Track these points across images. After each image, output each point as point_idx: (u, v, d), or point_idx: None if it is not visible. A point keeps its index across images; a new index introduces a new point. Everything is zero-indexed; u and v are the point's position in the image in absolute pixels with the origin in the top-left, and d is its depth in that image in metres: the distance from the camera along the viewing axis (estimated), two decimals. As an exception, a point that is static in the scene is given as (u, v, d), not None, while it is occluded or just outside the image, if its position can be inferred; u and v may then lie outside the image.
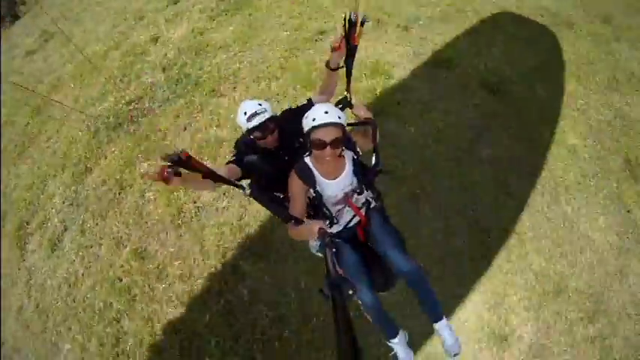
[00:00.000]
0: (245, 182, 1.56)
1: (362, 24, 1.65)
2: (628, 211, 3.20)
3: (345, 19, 1.64)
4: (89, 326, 2.84)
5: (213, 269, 2.75)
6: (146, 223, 3.14)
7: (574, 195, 3.16)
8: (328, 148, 1.48)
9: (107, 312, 2.84)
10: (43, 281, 3.21)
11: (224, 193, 3.10)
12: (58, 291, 3.12)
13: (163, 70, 4.17)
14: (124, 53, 4.43)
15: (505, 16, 4.78)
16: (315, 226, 1.43)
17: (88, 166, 3.65)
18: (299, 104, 1.86)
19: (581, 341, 2.59)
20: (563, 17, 5.00)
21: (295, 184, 1.61)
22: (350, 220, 1.77)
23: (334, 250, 1.33)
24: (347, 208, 1.72)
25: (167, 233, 3.03)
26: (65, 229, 3.39)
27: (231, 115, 3.55)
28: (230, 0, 4.85)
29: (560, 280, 2.77)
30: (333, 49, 1.73)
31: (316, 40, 4.16)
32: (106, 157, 3.66)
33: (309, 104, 1.80)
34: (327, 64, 1.80)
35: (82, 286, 3.04)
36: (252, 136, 1.70)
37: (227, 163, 1.72)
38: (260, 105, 1.69)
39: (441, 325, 1.62)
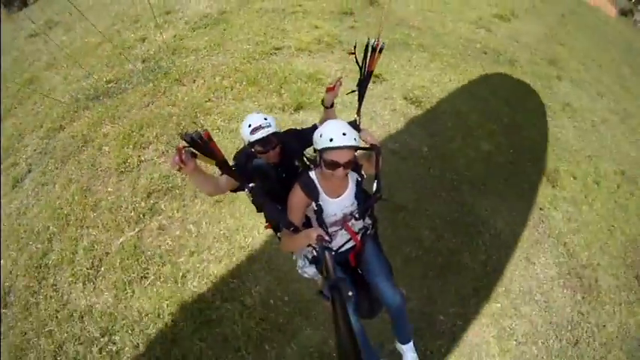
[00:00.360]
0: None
1: (380, 51, 1.84)
2: (541, 209, 4.13)
3: (366, 45, 1.83)
4: (25, 245, 3.58)
5: (137, 205, 3.61)
6: (97, 169, 4.05)
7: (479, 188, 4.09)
8: (341, 168, 1.56)
9: (43, 233, 3.59)
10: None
11: (163, 153, 4.08)
12: (8, 218, 3.93)
13: (143, 61, 5.40)
14: (115, 46, 5.70)
15: (448, 51, 6.16)
16: (314, 232, 1.52)
17: (62, 125, 4.66)
18: (303, 127, 2.03)
19: (476, 314, 3.14)
20: (507, 56, 6.45)
21: (297, 197, 1.67)
22: (343, 245, 1.88)
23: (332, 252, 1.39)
24: (342, 231, 1.82)
25: (110, 177, 3.93)
26: (29, 171, 4.28)
27: (185, 98, 4.66)
28: (212, 17, 6.29)
29: (450, 254, 3.45)
30: (328, 90, 1.94)
31: (271, 54, 5.43)
32: (79, 120, 4.69)
33: (314, 128, 1.91)
34: (322, 102, 2.01)
35: (29, 214, 3.85)
36: (253, 150, 1.79)
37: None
38: (265, 119, 1.78)
39: (407, 347, 1.91)
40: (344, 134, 1.52)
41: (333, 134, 1.52)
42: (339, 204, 1.73)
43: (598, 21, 12.23)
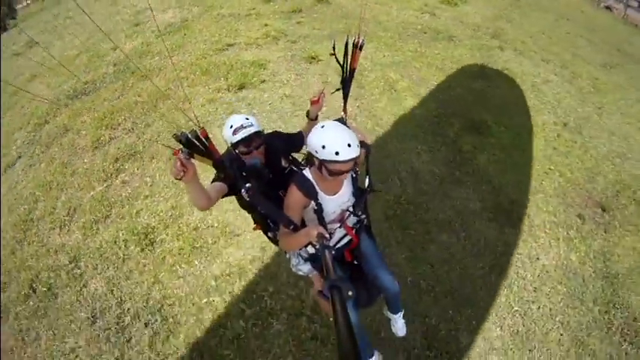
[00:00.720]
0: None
1: (360, 48, 1.99)
2: (464, 152, 4.74)
3: (346, 43, 1.97)
4: (14, 208, 4.59)
5: (106, 168, 4.66)
6: (75, 148, 5.15)
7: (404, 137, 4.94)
8: (343, 174, 1.66)
9: (29, 197, 4.62)
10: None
11: (132, 128, 5.18)
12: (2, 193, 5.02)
13: (114, 65, 6.65)
14: (90, 56, 7.00)
15: (387, 33, 7.23)
16: (314, 230, 1.57)
17: (47, 119, 5.85)
18: (289, 132, 2.21)
19: (387, 240, 3.62)
20: (447, 34, 7.41)
21: (295, 198, 1.74)
22: (339, 241, 2.02)
23: (333, 252, 1.46)
24: (339, 227, 1.92)
25: (87, 152, 5.01)
26: (19, 157, 5.41)
27: (148, 89, 5.81)
28: (175, 25, 7.62)
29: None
30: (312, 103, 2.08)
31: (223, 50, 6.62)
32: (61, 114, 5.87)
33: (300, 135, 2.16)
34: (307, 115, 2.15)
35: (18, 187, 4.93)
36: (237, 151, 1.87)
37: (212, 182, 1.88)
38: (247, 119, 1.87)
39: (397, 316, 2.40)
40: (349, 145, 1.57)
41: (339, 147, 1.56)
42: (337, 201, 1.83)
43: (557, 3, 13.30)
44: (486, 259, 3.68)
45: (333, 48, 2.06)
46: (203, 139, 1.44)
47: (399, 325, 2.43)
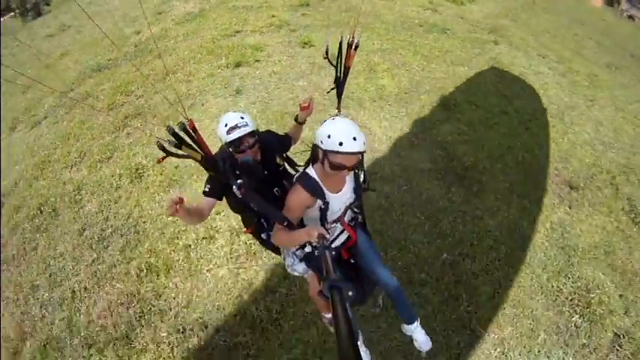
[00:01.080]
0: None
1: (355, 47, 2.05)
2: (426, 122, 5.14)
3: (340, 43, 2.04)
4: (35, 153, 5.57)
5: (115, 123, 5.55)
6: (94, 109, 6.11)
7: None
8: (346, 170, 1.68)
9: (50, 145, 5.59)
10: (22, 142, 6.17)
11: (142, 95, 6.08)
12: (27, 145, 6.03)
13: (135, 46, 7.74)
14: (116, 39, 8.16)
15: (383, 25, 7.86)
16: (315, 231, 1.61)
17: (72, 88, 6.93)
18: (280, 133, 2.32)
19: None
20: (442, 27, 7.94)
21: (301, 198, 1.76)
22: (335, 238, 2.06)
23: (333, 252, 1.51)
24: (338, 225, 1.98)
25: (102, 113, 5.95)
26: (45, 117, 6.48)
27: (160, 66, 6.75)
28: (193, 14, 8.67)
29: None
30: (302, 109, 2.15)
31: (230, 36, 7.52)
32: (85, 84, 6.94)
33: (288, 137, 2.30)
34: (296, 119, 2.22)
35: (42, 139, 5.94)
36: (230, 150, 1.94)
37: (204, 193, 1.98)
38: (242, 118, 1.93)
39: (415, 327, 2.18)
40: (354, 139, 1.60)
41: (344, 138, 1.59)
42: (340, 198, 1.87)
43: (576, 10, 13.28)
44: (424, 211, 3.96)
45: (326, 52, 2.17)
46: (191, 132, 1.50)
47: (420, 338, 2.24)
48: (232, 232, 3.63)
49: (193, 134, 1.50)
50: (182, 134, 1.47)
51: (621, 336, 3.34)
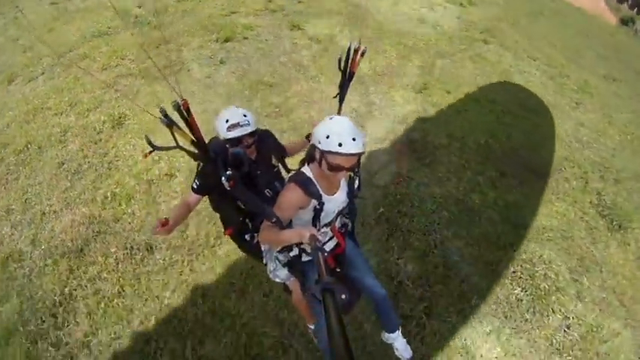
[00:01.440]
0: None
1: (362, 54, 2.18)
2: (389, 97, 5.71)
3: (348, 49, 2.17)
4: (30, 101, 6.17)
5: (107, 81, 6.13)
6: (89, 69, 6.72)
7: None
8: (344, 171, 1.71)
9: (44, 96, 6.21)
10: (17, 92, 6.77)
11: (135, 59, 6.67)
12: (22, 92, 6.61)
13: (136, 17, 8.41)
14: (118, 9, 8.84)
15: (371, 16, 8.41)
16: (307, 232, 1.62)
17: (71, 49, 7.56)
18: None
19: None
20: (432, 23, 8.41)
21: (295, 197, 1.77)
22: (324, 245, 2.08)
23: (325, 254, 1.51)
24: (327, 231, 2.01)
25: (97, 73, 6.56)
26: (42, 73, 7.11)
27: (156, 36, 7.35)
28: (192, -5, 9.34)
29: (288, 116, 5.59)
30: None
31: (225, 16, 8.15)
32: (84, 47, 7.56)
33: (284, 148, 2.38)
34: (307, 136, 2.30)
35: (37, 89, 6.55)
36: (227, 145, 1.99)
37: (192, 189, 2.04)
38: (245, 116, 1.98)
39: (396, 335, 2.25)
40: (354, 140, 1.62)
41: (343, 139, 1.61)
42: (335, 202, 1.90)
43: (587, 24, 13.56)
44: (370, 171, 4.37)
45: (339, 61, 2.27)
46: (184, 112, 1.52)
47: (400, 346, 2.32)
48: (192, 171, 4.11)
49: (186, 115, 1.53)
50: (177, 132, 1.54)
51: (571, 317, 3.47)
